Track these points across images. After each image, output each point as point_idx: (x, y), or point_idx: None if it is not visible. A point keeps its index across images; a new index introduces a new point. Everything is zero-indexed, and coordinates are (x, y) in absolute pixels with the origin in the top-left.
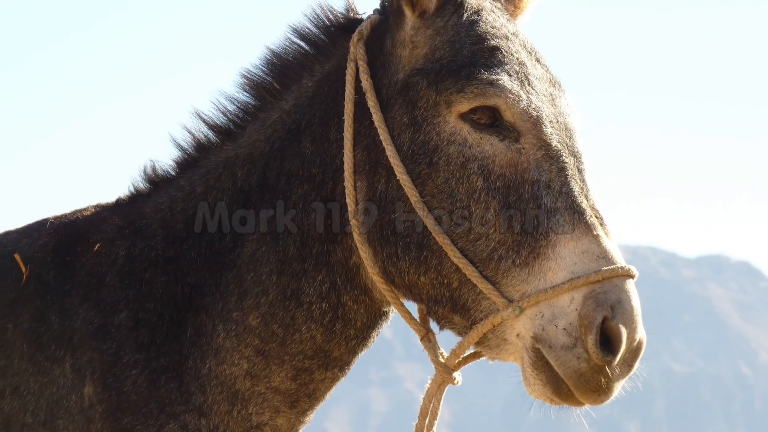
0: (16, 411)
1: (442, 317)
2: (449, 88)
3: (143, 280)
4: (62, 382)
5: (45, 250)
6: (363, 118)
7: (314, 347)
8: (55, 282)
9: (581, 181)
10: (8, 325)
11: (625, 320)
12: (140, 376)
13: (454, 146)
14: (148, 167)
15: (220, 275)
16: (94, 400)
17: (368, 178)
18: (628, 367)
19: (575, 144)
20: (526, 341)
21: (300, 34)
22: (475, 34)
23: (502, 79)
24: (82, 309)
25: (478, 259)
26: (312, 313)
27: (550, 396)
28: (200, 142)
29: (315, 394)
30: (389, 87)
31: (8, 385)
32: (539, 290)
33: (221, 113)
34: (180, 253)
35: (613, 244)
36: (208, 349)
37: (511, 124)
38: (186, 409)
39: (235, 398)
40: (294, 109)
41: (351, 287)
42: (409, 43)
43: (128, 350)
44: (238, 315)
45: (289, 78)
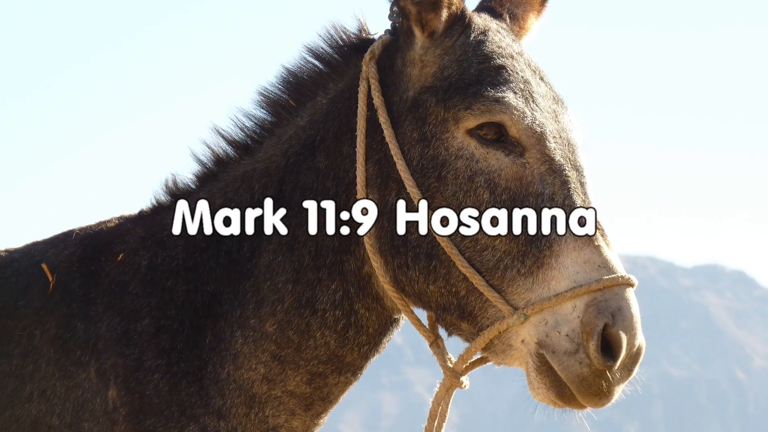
0: (43, 413)
1: (450, 324)
2: (457, 105)
3: (165, 288)
4: (87, 386)
5: (71, 260)
6: (375, 133)
7: (328, 353)
8: (80, 290)
9: (583, 194)
10: (36, 332)
11: (625, 327)
12: (162, 380)
13: (461, 161)
14: (170, 180)
15: (238, 284)
16: (118, 403)
17: (379, 191)
18: (628, 371)
19: (577, 158)
20: (530, 347)
21: (314, 54)
22: (481, 54)
23: (508, 97)
24: (106, 316)
25: (485, 268)
26: (326, 320)
27: (553, 399)
28: (219, 156)
29: (329, 397)
30: (400, 104)
31: (36, 388)
32: (543, 298)
33: (239, 129)
34: (200, 262)
35: (614, 254)
36: (226, 355)
37: (516, 140)
38: (206, 411)
39: (253, 401)
40: (309, 125)
41: (363, 295)
42: (418, 62)
43: (150, 355)
44: (255, 322)
45: (304, 95)
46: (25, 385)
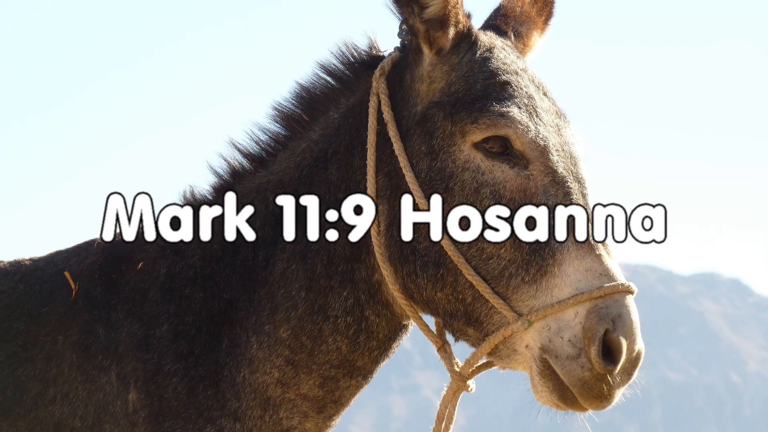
0: (66, 416)
1: (457, 330)
2: (464, 120)
3: (183, 295)
4: (108, 389)
5: (93, 269)
6: (384, 147)
7: (340, 357)
8: (101, 297)
9: (585, 205)
10: (59, 337)
11: (625, 332)
12: (180, 384)
13: (468, 173)
14: (187, 192)
15: (253, 291)
16: (138, 405)
17: (389, 202)
18: (627, 375)
19: (579, 171)
20: (534, 352)
21: (327, 70)
22: (487, 70)
23: (512, 112)
24: (126, 322)
25: (490, 276)
26: (338, 326)
27: (556, 402)
28: (235, 168)
29: (340, 400)
30: (408, 118)
31: (59, 392)
32: (546, 305)
33: (254, 142)
34: (216, 271)
35: (615, 262)
36: (242, 359)
37: (521, 153)
38: (222, 414)
39: (267, 404)
40: (321, 138)
41: (374, 302)
42: (426, 78)
43: (169, 360)
44: (269, 328)
45: (316, 110)
46: (48, 388)
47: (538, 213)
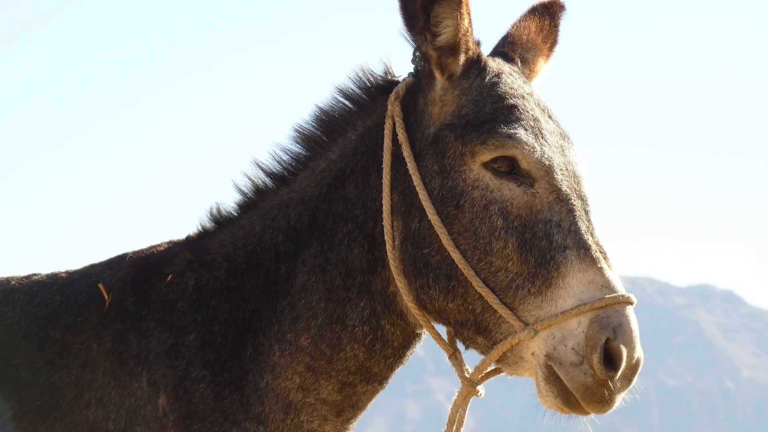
0: (100, 419)
1: (467, 338)
2: (473, 141)
3: (209, 306)
4: (140, 394)
5: (125, 281)
6: (399, 166)
7: (357, 364)
8: (133, 308)
9: (587, 221)
10: (93, 345)
11: (625, 341)
12: (207, 389)
13: (477, 191)
14: (214, 209)
15: (275, 302)
16: (167, 409)
17: (403, 218)
18: (627, 381)
19: (582, 189)
20: (539, 359)
21: (345, 94)
22: (495, 94)
23: (519, 133)
24: (156, 331)
25: (498, 288)
26: (355, 335)
27: (560, 406)
28: (259, 187)
29: (358, 404)
30: (422, 140)
31: (93, 397)
32: (551, 315)
33: (277, 162)
34: (241, 283)
35: (615, 275)
36: (265, 366)
37: (527, 172)
38: (246, 417)
39: (289, 408)
40: (339, 158)
41: (389, 312)
42: (438, 102)
43: (196, 367)
44: (291, 336)
45: (335, 132)
46: (83, 393)
47: (543, 228)
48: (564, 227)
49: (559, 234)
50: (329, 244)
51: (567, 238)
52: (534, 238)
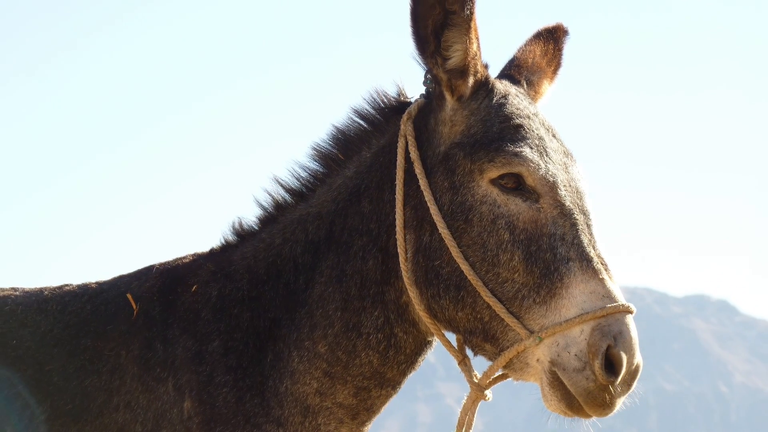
0: (128, 422)
1: (475, 345)
2: (482, 159)
3: (232, 315)
4: (166, 399)
5: (152, 291)
6: (411, 182)
7: (371, 370)
8: (160, 317)
9: (589, 234)
10: (122, 352)
11: (625, 348)
12: (229, 394)
13: (485, 206)
14: (236, 223)
15: (294, 311)
16: (192, 413)
17: (415, 232)
18: (627, 386)
19: (585, 204)
20: (544, 365)
21: (360, 114)
22: (503, 114)
23: (525, 151)
24: (182, 339)
25: (505, 298)
26: (370, 342)
27: (564, 410)
28: (278, 202)
29: (372, 408)
30: (433, 157)
31: (122, 400)
32: (555, 323)
33: (295, 179)
34: (262, 293)
35: (616, 285)
36: (284, 372)
37: (532, 188)
38: (267, 420)
39: (307, 411)
40: (355, 175)
41: (402, 321)
42: (449, 122)
43: (220, 372)
44: (309, 344)
45: (351, 150)
46: (112, 397)
47: (548, 241)
48: (567, 240)
49: (562, 247)
50: (345, 257)
51: (570, 251)
52: (539, 251)
